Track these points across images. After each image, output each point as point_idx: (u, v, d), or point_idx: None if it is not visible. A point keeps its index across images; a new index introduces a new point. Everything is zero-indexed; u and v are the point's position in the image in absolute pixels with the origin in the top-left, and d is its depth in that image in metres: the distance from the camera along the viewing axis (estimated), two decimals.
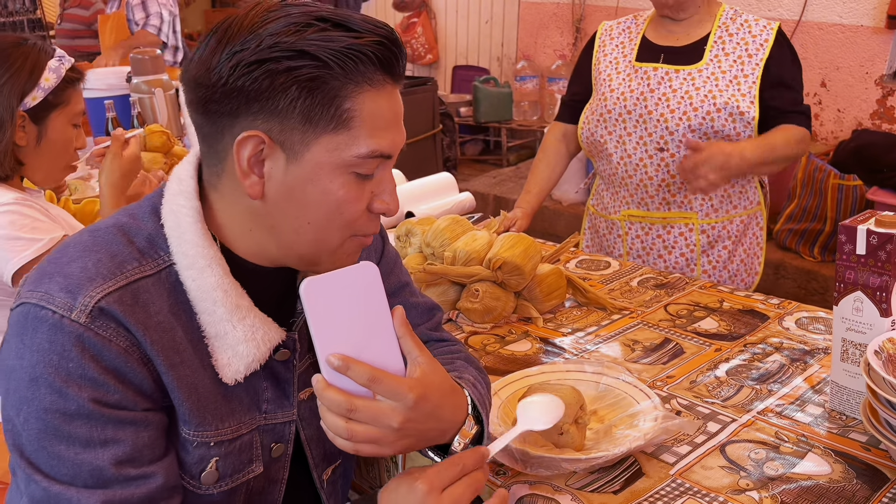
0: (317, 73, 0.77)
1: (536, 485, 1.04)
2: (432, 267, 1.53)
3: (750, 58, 1.85)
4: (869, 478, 1.03)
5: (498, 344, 1.45)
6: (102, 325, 0.78)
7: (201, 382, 0.85)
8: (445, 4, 6.47)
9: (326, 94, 0.78)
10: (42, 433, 0.77)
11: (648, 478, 1.04)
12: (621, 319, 1.53)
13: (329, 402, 0.80)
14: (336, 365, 0.79)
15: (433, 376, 0.84)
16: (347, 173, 0.82)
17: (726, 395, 1.24)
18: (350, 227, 0.85)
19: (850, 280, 1.12)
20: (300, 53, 0.77)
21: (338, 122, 0.79)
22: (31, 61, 1.54)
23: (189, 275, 0.84)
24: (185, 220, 0.85)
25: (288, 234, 0.85)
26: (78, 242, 0.84)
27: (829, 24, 4.17)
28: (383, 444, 0.81)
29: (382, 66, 0.81)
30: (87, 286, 0.79)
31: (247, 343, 0.86)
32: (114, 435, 0.79)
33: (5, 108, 1.51)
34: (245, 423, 0.91)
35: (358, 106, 0.80)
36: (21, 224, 1.49)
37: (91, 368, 0.77)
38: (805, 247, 3.74)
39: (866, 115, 4.12)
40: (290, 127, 0.79)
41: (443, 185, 2.24)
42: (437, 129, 4.62)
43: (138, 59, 2.94)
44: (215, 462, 0.88)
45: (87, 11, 5.10)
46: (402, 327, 0.83)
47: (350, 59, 0.78)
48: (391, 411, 0.80)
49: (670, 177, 1.91)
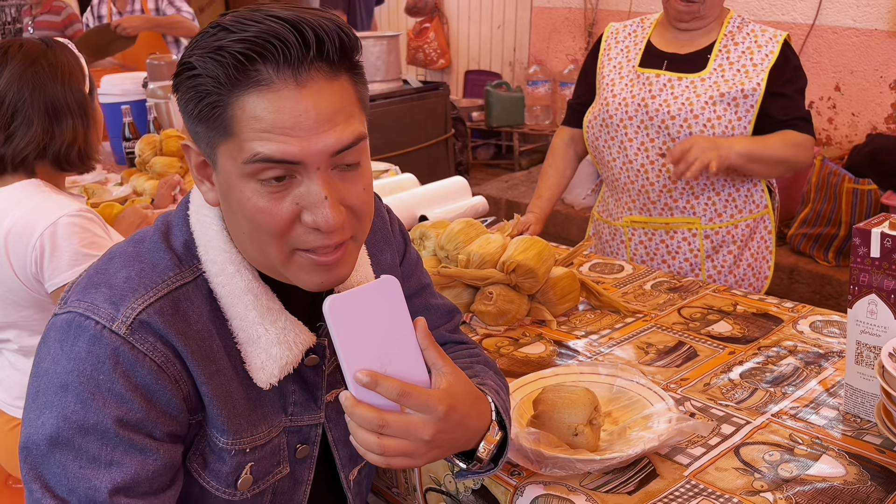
0: (198, 81, 0.76)
1: (551, 485, 1.04)
2: (447, 270, 1.54)
3: (754, 67, 1.84)
4: (883, 480, 1.03)
5: (512, 346, 1.46)
6: (141, 337, 0.79)
7: (235, 390, 0.87)
8: (458, 9, 6.50)
9: (210, 102, 0.76)
10: (55, 439, 0.78)
11: (663, 479, 1.05)
12: (635, 322, 1.54)
13: (360, 420, 0.79)
14: (365, 382, 0.79)
15: (459, 386, 0.84)
16: (251, 182, 0.78)
17: (740, 397, 1.24)
18: (282, 241, 0.80)
19: (865, 283, 1.12)
20: (188, 64, 0.77)
21: (223, 129, 0.77)
22: (70, 54, 1.60)
23: (219, 281, 0.85)
24: (211, 228, 0.87)
25: (240, 244, 0.86)
26: (122, 252, 0.87)
27: (842, 28, 4.15)
28: (415, 457, 0.82)
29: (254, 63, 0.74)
30: (130, 297, 0.81)
31: (280, 345, 0.87)
32: (120, 458, 0.79)
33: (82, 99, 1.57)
34: (275, 427, 0.92)
35: (239, 111, 0.76)
36: (81, 237, 1.48)
37: (120, 383, 0.78)
38: (819, 251, 3.72)
39: (881, 119, 4.10)
40: (203, 136, 0.80)
41: (456, 188, 2.25)
42: (449, 133, 4.63)
43: (154, 64, 2.97)
44: (250, 468, 0.90)
45: (59, 17, 5.09)
46: (426, 339, 0.83)
47: (213, 61, 0.74)
48: (422, 424, 0.81)
49: (672, 182, 1.91)
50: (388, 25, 7.06)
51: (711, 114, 1.84)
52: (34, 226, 1.47)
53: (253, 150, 0.76)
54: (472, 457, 0.91)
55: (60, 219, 1.47)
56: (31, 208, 1.50)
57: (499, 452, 0.93)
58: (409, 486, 1.20)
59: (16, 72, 1.52)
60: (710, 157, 1.70)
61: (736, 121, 1.85)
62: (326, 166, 0.78)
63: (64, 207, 1.50)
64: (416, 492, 1.19)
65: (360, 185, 0.82)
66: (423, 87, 4.59)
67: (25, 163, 1.54)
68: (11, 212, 1.50)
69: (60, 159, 1.57)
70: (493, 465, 0.93)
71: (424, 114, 4.44)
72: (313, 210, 0.79)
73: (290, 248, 0.81)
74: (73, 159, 1.58)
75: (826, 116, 4.28)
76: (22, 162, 1.54)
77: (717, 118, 1.84)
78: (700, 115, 1.84)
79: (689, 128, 1.84)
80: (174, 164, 2.42)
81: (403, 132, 4.27)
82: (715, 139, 1.76)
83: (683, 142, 1.75)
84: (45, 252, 1.47)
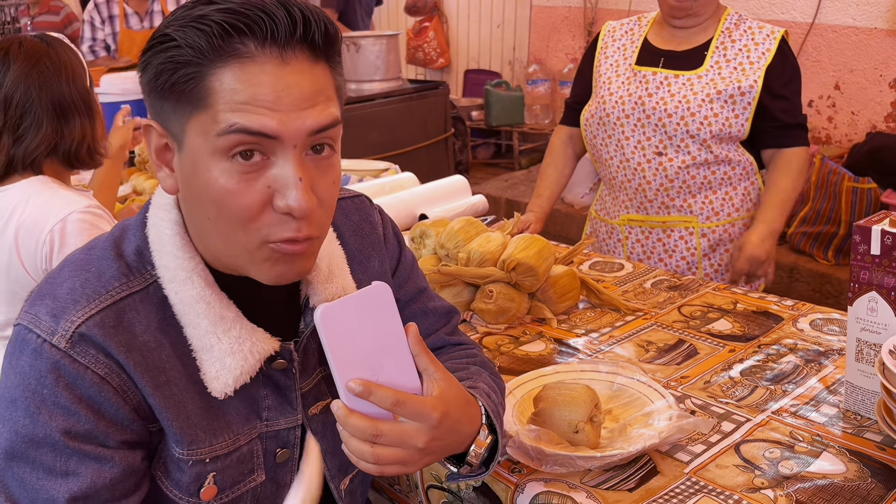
0: (173, 52, 0.73)
1: (552, 482, 1.05)
2: (447, 268, 1.55)
3: (751, 65, 1.84)
4: (884, 477, 1.03)
5: (512, 345, 1.46)
6: (81, 350, 0.78)
7: (191, 400, 0.84)
8: (457, 8, 6.50)
9: (185, 73, 0.73)
10: (10, 453, 0.79)
11: (663, 476, 1.05)
12: (635, 321, 1.54)
13: (353, 430, 0.79)
14: (358, 391, 0.78)
15: (451, 391, 0.84)
16: (223, 160, 0.75)
17: (741, 395, 1.24)
18: (250, 228, 0.77)
19: (865, 280, 1.12)
20: (164, 35, 0.74)
21: (197, 100, 0.74)
22: (71, 51, 1.60)
23: (172, 288, 0.83)
24: (165, 232, 0.84)
25: (204, 234, 0.82)
26: (74, 260, 0.85)
27: (842, 27, 4.15)
28: (408, 464, 0.82)
29: (240, 34, 0.73)
30: (71, 309, 0.79)
31: (233, 355, 0.83)
32: (75, 468, 0.78)
33: (87, 96, 1.58)
34: (244, 434, 0.88)
35: (217, 82, 0.73)
36: (90, 234, 1.48)
37: (64, 396, 0.77)
38: (819, 250, 3.73)
39: (880, 117, 4.10)
40: (168, 114, 0.77)
41: (455, 187, 2.26)
42: (448, 132, 4.63)
43: None
44: (212, 477, 0.87)
45: (58, 17, 5.09)
46: (417, 345, 0.82)
47: (195, 30, 0.72)
48: (416, 432, 0.80)
49: (668, 181, 1.91)
50: (388, 25, 7.06)
51: (708, 111, 1.84)
52: (44, 221, 1.49)
53: (230, 121, 0.73)
54: (463, 460, 0.90)
55: (70, 215, 1.49)
56: (39, 204, 1.51)
57: (490, 456, 0.92)
58: (411, 483, 1.20)
59: (20, 72, 1.52)
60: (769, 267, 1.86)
61: (733, 118, 1.85)
62: (302, 147, 0.76)
63: (73, 203, 1.51)
64: (417, 489, 1.19)
65: (331, 177, 0.80)
66: (422, 87, 4.58)
67: (35, 162, 1.55)
68: (20, 208, 1.51)
69: (71, 157, 1.57)
70: (484, 469, 0.92)
71: (424, 113, 4.44)
72: (286, 192, 0.75)
73: (260, 239, 0.78)
74: (83, 156, 1.59)
75: (826, 115, 4.28)
76: (32, 162, 1.54)
77: (714, 116, 1.84)
78: (697, 112, 1.84)
79: (686, 126, 1.85)
80: None
81: (403, 131, 4.27)
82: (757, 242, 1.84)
83: (740, 262, 1.84)
84: (55, 248, 1.48)
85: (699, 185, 1.91)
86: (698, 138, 1.85)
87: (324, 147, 0.79)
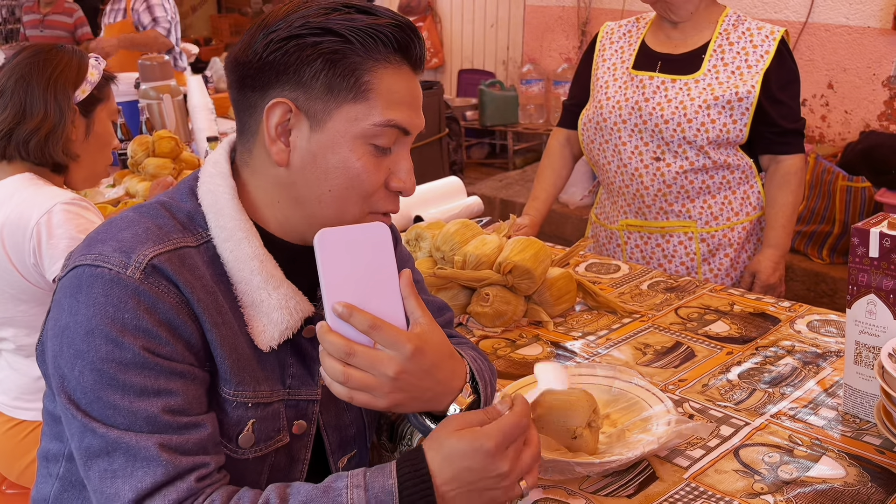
0: (339, 47, 0.86)
1: (550, 489, 1.04)
2: (442, 271, 1.54)
3: (749, 69, 1.82)
4: (884, 481, 1.02)
5: (509, 348, 1.46)
6: (155, 281, 0.83)
7: (240, 345, 0.90)
8: (451, 8, 6.49)
9: (347, 67, 0.86)
10: (98, 384, 0.81)
11: (662, 482, 1.04)
12: (632, 323, 1.53)
13: (329, 346, 0.83)
14: (340, 312, 0.82)
15: (433, 336, 0.87)
16: (365, 144, 0.88)
17: (739, 398, 1.24)
18: (367, 201, 0.91)
19: (864, 283, 1.11)
20: (325, 31, 0.86)
21: (357, 92, 0.87)
22: (76, 59, 1.63)
23: (227, 247, 0.89)
24: (223, 196, 0.91)
25: (311, 204, 0.91)
26: (124, 217, 0.90)
27: (835, 26, 4.16)
28: (377, 394, 0.83)
29: (399, 48, 0.89)
30: (140, 247, 0.85)
31: (280, 311, 0.91)
32: (166, 385, 0.83)
33: (63, 98, 1.58)
34: (275, 392, 0.94)
35: (376, 80, 0.87)
36: (76, 223, 1.50)
37: (146, 319, 0.82)
38: (813, 249, 3.73)
39: (874, 116, 4.11)
40: (314, 97, 0.87)
41: (451, 188, 2.24)
42: (443, 132, 4.62)
43: (147, 65, 2.95)
44: (252, 424, 0.92)
45: (71, 18, 5.10)
46: (408, 288, 0.86)
47: (369, 36, 0.86)
48: (388, 360, 0.83)
49: (666, 186, 1.90)
50: None
51: (705, 118, 1.82)
52: (29, 215, 1.49)
53: (388, 116, 0.88)
54: (441, 419, 0.90)
55: (55, 206, 1.49)
56: (23, 199, 1.51)
57: None
58: None
59: (14, 64, 1.58)
60: (781, 287, 1.93)
61: (731, 124, 1.83)
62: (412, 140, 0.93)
63: (58, 196, 1.52)
64: None
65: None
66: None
67: None
68: (4, 205, 1.52)
69: (20, 146, 1.57)
70: None
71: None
72: (402, 176, 0.92)
73: (370, 209, 0.91)
74: (32, 148, 1.57)
75: (819, 114, 4.29)
76: None
77: (711, 122, 1.82)
78: (693, 119, 1.82)
79: (683, 132, 1.83)
80: (167, 165, 2.40)
81: None
82: (773, 268, 1.90)
83: (756, 290, 1.90)
84: (42, 240, 1.48)
85: (697, 189, 1.90)
86: (695, 144, 1.84)
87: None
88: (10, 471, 1.65)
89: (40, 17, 5.10)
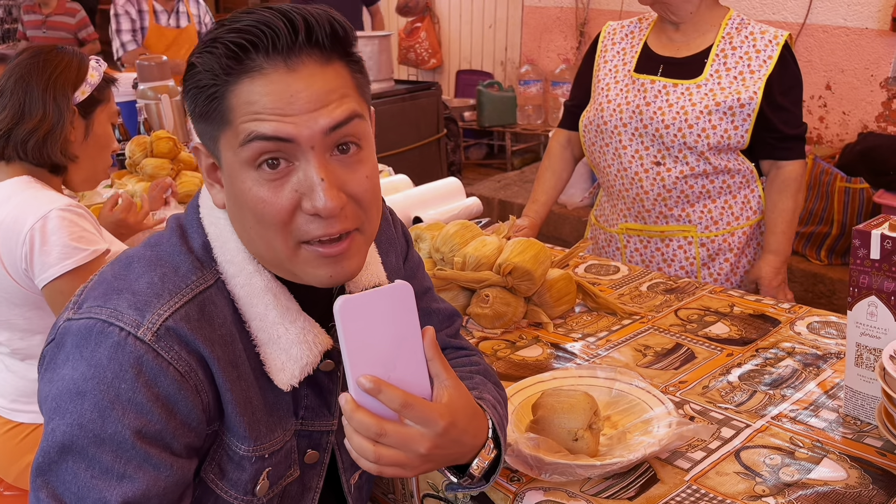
0: (198, 78, 0.78)
1: (551, 491, 1.03)
2: (442, 272, 1.53)
3: (752, 74, 1.81)
4: (885, 483, 1.02)
5: (509, 349, 1.45)
6: (166, 345, 0.78)
7: (254, 397, 0.86)
8: (449, 9, 6.48)
9: (208, 94, 0.78)
10: (67, 447, 0.77)
11: (663, 484, 1.04)
12: (632, 324, 1.53)
13: (358, 425, 0.79)
14: (368, 388, 0.78)
15: (460, 401, 0.84)
16: (250, 170, 0.79)
17: (739, 400, 1.24)
18: (285, 232, 0.80)
19: (865, 284, 1.11)
20: (190, 64, 0.79)
21: (221, 119, 0.79)
22: (76, 60, 1.62)
23: (237, 282, 0.84)
24: (226, 228, 0.86)
25: (249, 243, 0.85)
26: (141, 257, 0.85)
27: (833, 27, 4.16)
28: (408, 468, 0.82)
29: (244, 52, 0.76)
30: (156, 303, 0.80)
31: (300, 345, 0.86)
32: (133, 472, 0.77)
33: (62, 99, 1.57)
34: (287, 431, 0.91)
35: (234, 97, 0.78)
36: (70, 231, 1.48)
37: (142, 393, 0.77)
38: (812, 250, 3.73)
39: (871, 117, 4.11)
40: (204, 133, 0.82)
41: (450, 189, 2.24)
42: (441, 133, 4.62)
43: (144, 65, 2.94)
44: (267, 473, 0.89)
45: (73, 19, 5.09)
46: (432, 349, 0.82)
47: (207, 53, 0.77)
48: (420, 437, 0.80)
49: (666, 191, 1.89)
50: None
51: (706, 124, 1.81)
52: (24, 220, 1.48)
53: (248, 130, 0.77)
54: (465, 471, 0.90)
55: (51, 212, 1.48)
56: (19, 203, 1.50)
57: (491, 469, 0.92)
58: (406, 492, 1.19)
59: (14, 65, 1.57)
60: (783, 289, 1.90)
61: (732, 130, 1.82)
62: (322, 148, 0.78)
63: (54, 201, 1.50)
64: (413, 498, 1.18)
65: (362, 172, 0.81)
66: (414, 87, 4.57)
67: None
68: (1, 208, 1.49)
69: (18, 147, 1.56)
70: (484, 482, 0.92)
71: (416, 114, 4.42)
72: (310, 194, 0.78)
73: (295, 240, 0.81)
74: (30, 148, 1.56)
75: (817, 115, 4.29)
76: None
77: (713, 128, 1.81)
78: (695, 124, 1.81)
79: (684, 137, 1.82)
80: (165, 165, 2.39)
81: (395, 132, 4.25)
82: (774, 274, 1.88)
83: (761, 291, 1.88)
84: (35, 246, 1.46)
85: (697, 194, 1.89)
86: (696, 149, 1.83)
87: (349, 146, 0.80)
88: (8, 473, 1.64)
89: (42, 17, 5.09)
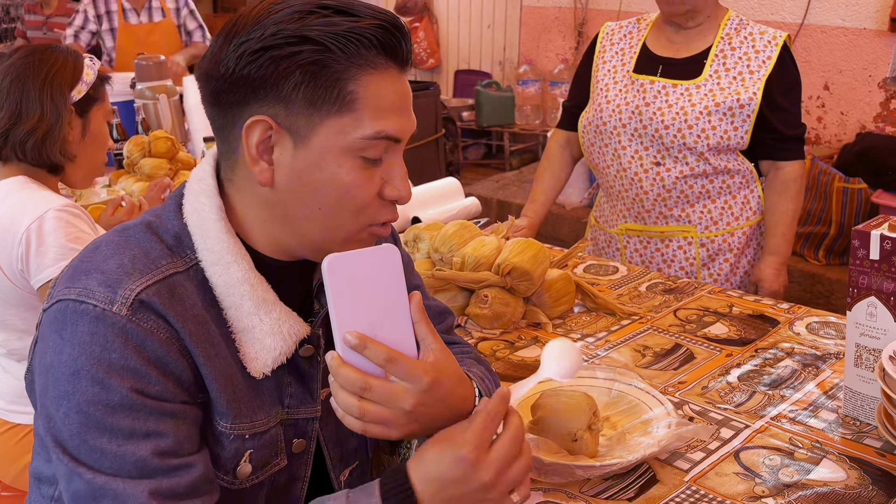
0: (318, 56, 0.79)
1: (550, 492, 1.03)
2: (441, 273, 1.53)
3: (751, 74, 1.81)
4: (884, 484, 1.02)
5: (507, 350, 1.45)
6: (143, 317, 0.79)
7: (234, 375, 0.86)
8: (447, 9, 6.48)
9: (329, 77, 0.79)
10: (84, 427, 0.78)
11: (663, 485, 1.04)
12: (631, 325, 1.53)
13: (343, 380, 0.80)
14: (353, 343, 0.79)
15: (445, 363, 0.84)
16: (354, 157, 0.82)
17: (739, 400, 1.24)
18: (362, 214, 0.85)
19: (864, 285, 1.11)
20: (302, 39, 0.78)
21: (341, 104, 0.80)
22: (71, 59, 1.61)
23: (215, 271, 0.85)
24: (209, 217, 0.86)
25: (300, 222, 0.86)
26: (109, 242, 0.85)
27: (831, 28, 4.17)
28: (392, 426, 0.81)
29: (384, 50, 0.81)
30: (126, 280, 0.80)
31: (273, 336, 0.87)
32: (155, 427, 0.79)
33: (59, 98, 1.56)
34: (272, 417, 0.92)
35: (361, 88, 0.80)
36: (66, 232, 1.48)
37: (133, 359, 0.78)
38: (810, 250, 3.73)
39: (870, 118, 4.11)
40: (296, 111, 0.81)
41: (449, 190, 2.24)
42: (439, 133, 4.61)
43: (143, 65, 2.94)
44: (248, 455, 0.89)
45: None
46: (418, 313, 0.83)
47: (351, 41, 0.79)
48: (405, 393, 0.80)
49: (666, 191, 1.89)
50: None
51: (706, 124, 1.81)
52: (20, 220, 1.47)
53: (377, 128, 0.82)
54: None
55: (47, 213, 1.47)
56: (16, 203, 1.50)
57: None
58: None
59: (8, 64, 1.56)
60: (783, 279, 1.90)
61: (732, 131, 1.82)
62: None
63: (51, 202, 1.50)
64: None
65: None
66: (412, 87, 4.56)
67: None
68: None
69: (16, 147, 1.55)
70: None
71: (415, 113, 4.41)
72: (396, 184, 0.85)
73: (367, 222, 0.86)
74: (29, 149, 1.56)
75: (815, 115, 4.29)
76: None
77: (712, 128, 1.81)
78: (694, 125, 1.81)
79: (683, 138, 1.82)
80: (163, 165, 2.39)
81: None
82: (775, 275, 1.88)
83: (762, 293, 1.87)
84: (31, 246, 1.46)
85: (697, 195, 1.89)
86: (696, 150, 1.83)
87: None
88: (6, 474, 1.64)
89: (43, 18, 5.07)
